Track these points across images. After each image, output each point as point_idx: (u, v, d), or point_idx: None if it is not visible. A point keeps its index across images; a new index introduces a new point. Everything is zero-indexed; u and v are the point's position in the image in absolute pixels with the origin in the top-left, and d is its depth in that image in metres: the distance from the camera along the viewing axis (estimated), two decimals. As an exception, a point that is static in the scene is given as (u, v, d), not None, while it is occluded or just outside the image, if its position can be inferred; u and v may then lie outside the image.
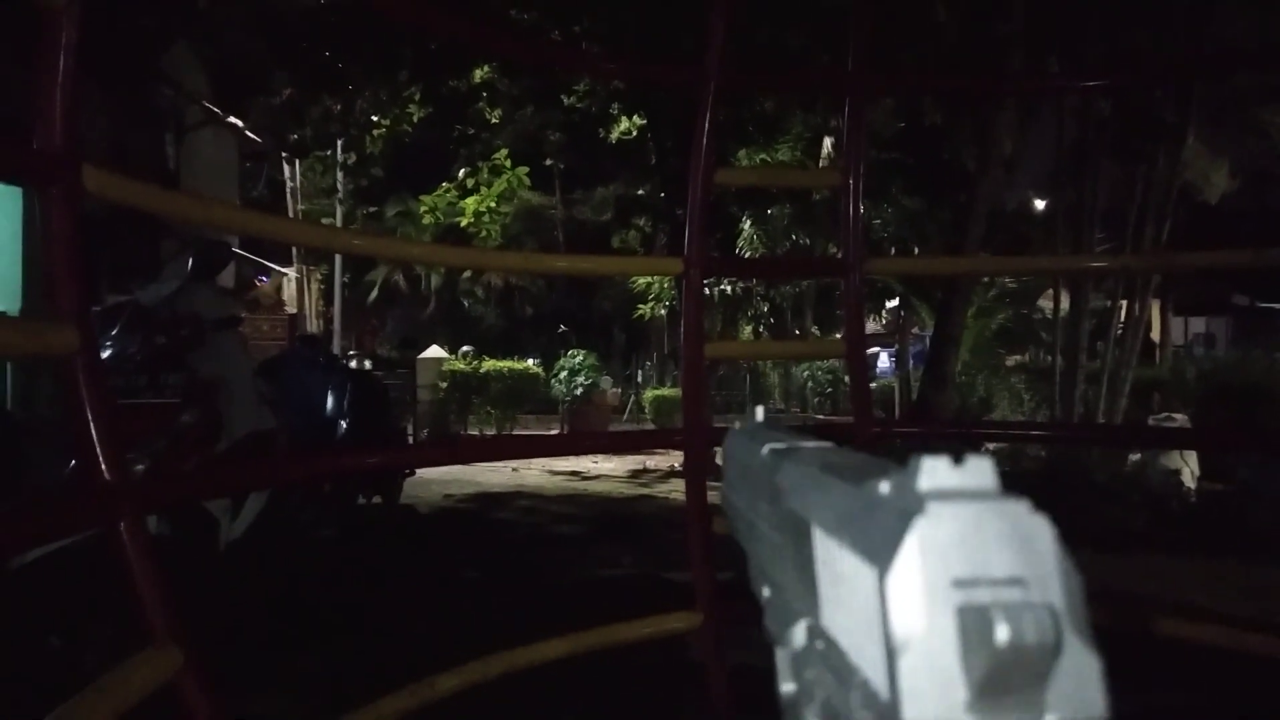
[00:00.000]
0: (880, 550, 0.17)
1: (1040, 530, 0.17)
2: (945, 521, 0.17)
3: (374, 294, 22.34)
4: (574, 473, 10.38)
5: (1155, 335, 16.08)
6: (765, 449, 0.28)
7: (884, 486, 0.18)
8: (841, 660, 0.19)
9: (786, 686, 0.24)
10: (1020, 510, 0.17)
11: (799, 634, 0.22)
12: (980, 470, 0.18)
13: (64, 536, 1.83)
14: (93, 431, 1.42)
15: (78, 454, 1.52)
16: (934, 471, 0.18)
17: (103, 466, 1.42)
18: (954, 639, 0.17)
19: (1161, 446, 6.71)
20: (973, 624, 0.17)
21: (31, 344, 1.41)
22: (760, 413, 0.32)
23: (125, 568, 1.42)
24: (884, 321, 19.08)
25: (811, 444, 0.24)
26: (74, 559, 2.45)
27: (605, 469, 10.81)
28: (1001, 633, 0.16)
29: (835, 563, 0.20)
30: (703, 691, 2.65)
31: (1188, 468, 7.10)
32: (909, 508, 0.17)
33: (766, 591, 0.26)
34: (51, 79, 1.43)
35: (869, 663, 0.18)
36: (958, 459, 0.18)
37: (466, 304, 22.72)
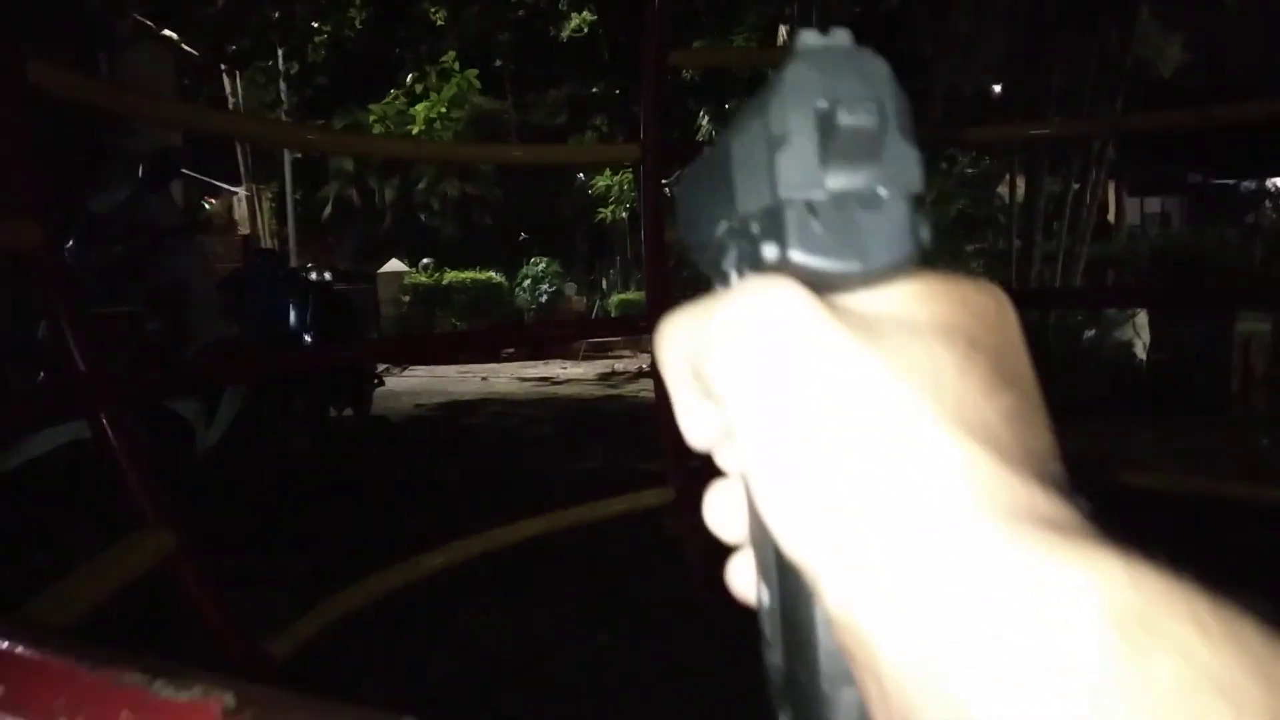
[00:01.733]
0: (767, 97, 0.23)
1: (879, 66, 0.23)
2: (810, 63, 0.23)
3: (328, 210, 21.86)
4: (544, 379, 10.45)
5: (1112, 217, 16.23)
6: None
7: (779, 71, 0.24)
8: (748, 209, 0.25)
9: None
10: (866, 54, 0.24)
11: (720, 230, 0.27)
12: (841, 34, 0.24)
13: (47, 425, 1.86)
14: (64, 325, 1.44)
15: (51, 348, 1.53)
16: (807, 35, 0.24)
17: (77, 358, 1.45)
18: (813, 132, 0.23)
19: (1104, 307, 6.96)
20: (825, 121, 0.23)
21: (-6, 238, 1.41)
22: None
23: (111, 456, 1.46)
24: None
25: None
26: (53, 472, 2.47)
27: (574, 374, 10.89)
28: (844, 119, 0.22)
29: (743, 148, 0.25)
30: (678, 565, 2.77)
31: (1140, 340, 7.32)
32: (789, 62, 0.23)
33: (698, 241, 0.30)
34: (-17, -33, 1.40)
35: (758, 184, 0.24)
36: (825, 31, 0.24)
37: (423, 217, 22.32)
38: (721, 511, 0.28)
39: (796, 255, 0.23)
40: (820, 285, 0.23)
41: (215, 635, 1.44)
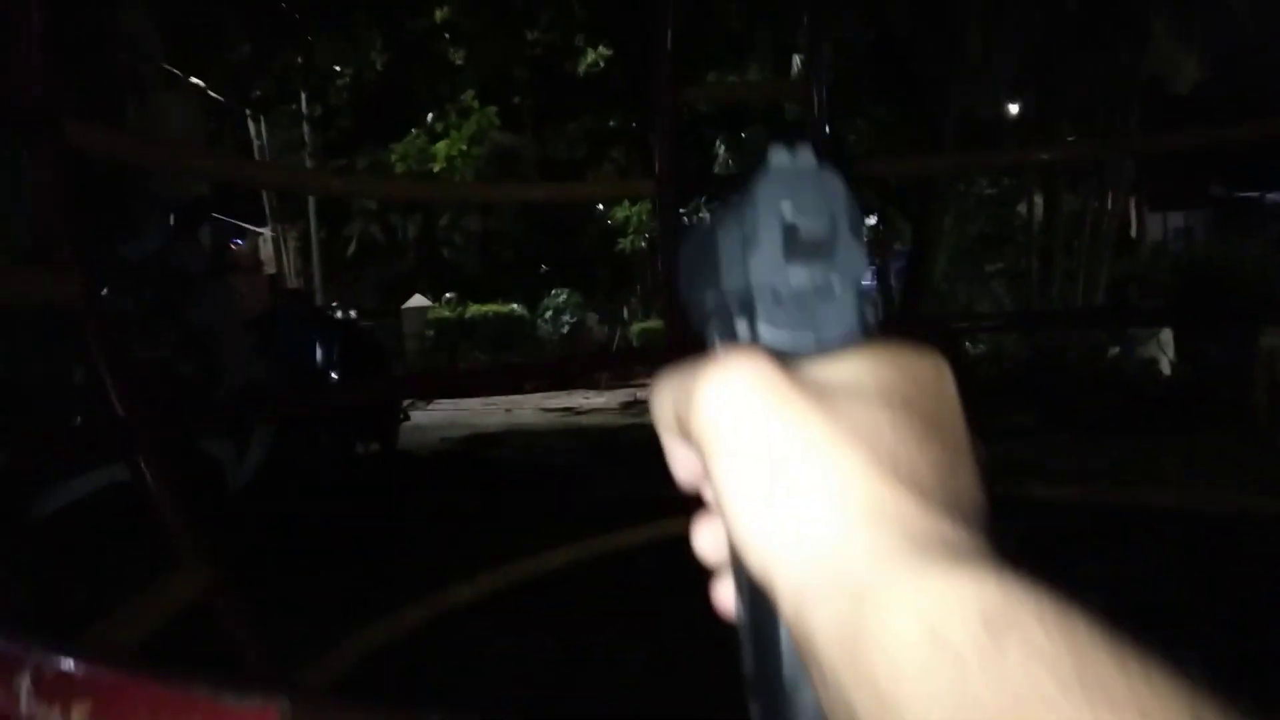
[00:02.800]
0: (743, 202, 0.29)
1: (835, 182, 0.29)
2: (777, 180, 0.29)
3: (352, 248, 22.15)
4: (566, 409, 10.51)
5: (1135, 233, 16.12)
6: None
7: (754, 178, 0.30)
8: (729, 288, 0.31)
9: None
10: (826, 173, 0.29)
11: (708, 298, 0.33)
12: (805, 153, 0.29)
13: (88, 468, 1.92)
14: (104, 371, 1.50)
15: (91, 394, 1.59)
16: (778, 154, 0.29)
17: (116, 403, 1.51)
18: (779, 235, 0.29)
19: (1125, 325, 6.93)
20: (788, 230, 0.28)
21: (40, 291, 1.47)
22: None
23: (149, 496, 1.52)
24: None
25: None
26: (93, 512, 2.54)
27: (597, 403, 10.94)
28: (802, 228, 0.28)
29: (726, 237, 0.31)
30: (705, 592, 2.78)
31: (1165, 356, 7.28)
32: (761, 176, 0.29)
33: (692, 298, 0.35)
34: (27, 32, 1.48)
35: (737, 270, 0.30)
36: (793, 150, 0.29)
37: (446, 252, 22.55)
38: (705, 540, 0.33)
39: (764, 332, 0.29)
40: (782, 356, 0.28)
41: (252, 667, 1.49)
